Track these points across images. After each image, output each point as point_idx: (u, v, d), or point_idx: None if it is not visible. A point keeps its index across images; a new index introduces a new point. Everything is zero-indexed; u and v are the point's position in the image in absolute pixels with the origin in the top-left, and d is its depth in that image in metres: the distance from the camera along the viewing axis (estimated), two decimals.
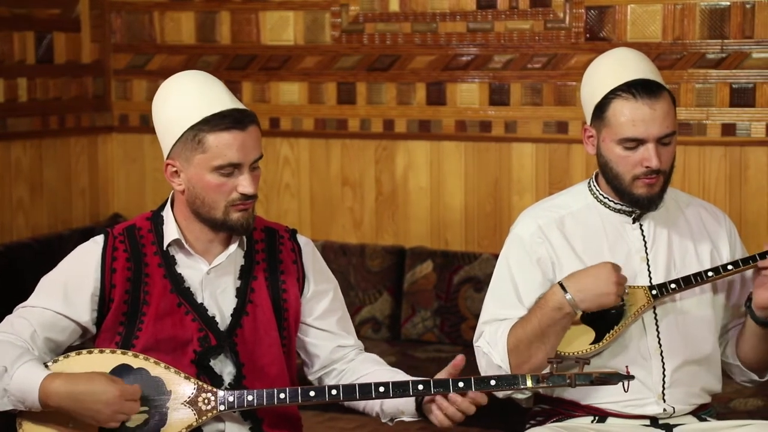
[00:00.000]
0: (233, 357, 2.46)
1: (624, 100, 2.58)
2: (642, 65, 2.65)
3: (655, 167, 2.57)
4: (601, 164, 2.65)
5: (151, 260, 2.47)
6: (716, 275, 2.62)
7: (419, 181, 4.58)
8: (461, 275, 4.39)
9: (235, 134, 2.38)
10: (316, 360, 2.62)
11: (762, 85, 4.01)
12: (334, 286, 2.64)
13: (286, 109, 4.77)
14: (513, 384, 2.38)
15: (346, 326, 2.64)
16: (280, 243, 2.57)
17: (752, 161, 4.06)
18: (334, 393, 2.36)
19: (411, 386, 2.36)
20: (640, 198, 2.61)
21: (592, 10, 4.22)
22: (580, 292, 2.54)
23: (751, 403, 3.64)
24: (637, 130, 2.57)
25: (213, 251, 2.49)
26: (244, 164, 2.40)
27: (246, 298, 2.49)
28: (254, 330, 2.48)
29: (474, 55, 4.43)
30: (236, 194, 2.41)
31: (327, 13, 4.64)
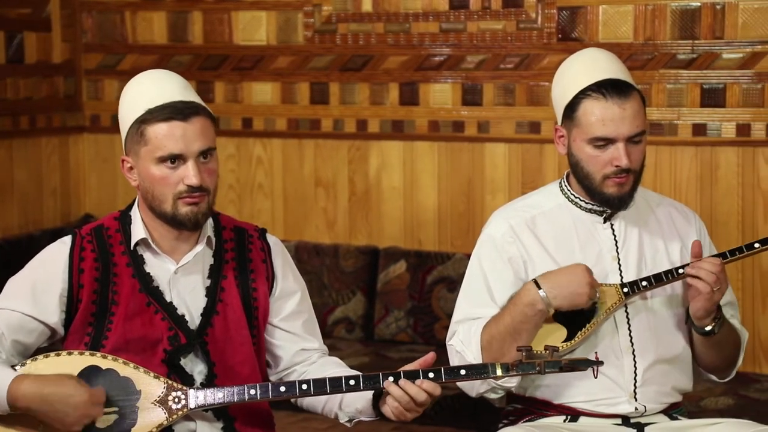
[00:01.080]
0: (204, 356, 2.45)
1: (594, 99, 2.59)
2: (612, 65, 2.66)
3: (625, 166, 2.58)
4: (572, 164, 2.66)
5: (119, 260, 2.46)
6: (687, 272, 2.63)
7: (392, 181, 4.58)
8: (434, 275, 4.39)
9: (174, 125, 2.38)
10: (279, 361, 2.61)
11: (732, 86, 4.03)
12: (302, 288, 2.63)
13: (258, 109, 4.76)
14: (483, 373, 2.38)
15: (311, 329, 2.63)
16: (249, 242, 2.56)
17: (723, 161, 4.08)
18: (304, 387, 2.35)
19: (381, 378, 2.35)
20: (611, 197, 2.62)
21: (564, 10, 4.23)
22: (554, 290, 2.55)
23: (722, 402, 3.67)
24: (606, 130, 2.58)
25: (180, 250, 2.48)
26: (187, 155, 2.38)
27: (216, 297, 2.48)
28: (225, 329, 2.47)
29: (447, 56, 4.44)
30: (183, 186, 2.39)
31: (300, 13, 4.63)
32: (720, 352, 2.70)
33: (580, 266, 2.57)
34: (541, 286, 2.56)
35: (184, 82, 2.49)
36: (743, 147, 4.05)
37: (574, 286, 2.54)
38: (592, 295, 2.56)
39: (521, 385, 2.68)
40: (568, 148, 2.66)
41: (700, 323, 2.62)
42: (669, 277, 2.63)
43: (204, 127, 2.41)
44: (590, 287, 2.55)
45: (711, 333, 2.63)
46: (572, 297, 2.54)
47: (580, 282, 2.54)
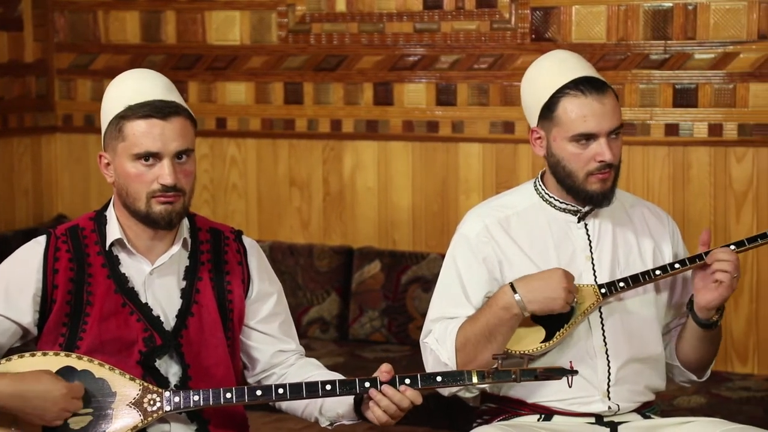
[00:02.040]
0: (179, 358, 2.44)
1: (573, 97, 2.61)
2: (582, 64, 2.69)
3: (609, 161, 2.60)
4: (553, 164, 2.67)
5: (94, 260, 2.45)
6: (664, 273, 2.64)
7: (367, 181, 4.58)
8: (409, 275, 4.40)
9: (152, 122, 2.38)
10: (257, 363, 2.61)
11: (704, 86, 4.06)
12: (278, 290, 2.63)
13: (232, 109, 4.75)
14: (459, 380, 2.39)
15: (288, 331, 2.64)
16: (225, 244, 2.56)
17: (695, 161, 4.11)
18: (281, 392, 2.36)
19: (357, 384, 2.36)
20: (595, 194, 2.63)
21: (538, 11, 4.24)
22: (530, 294, 2.55)
23: (695, 401, 3.69)
24: (588, 126, 2.59)
25: (156, 251, 2.47)
26: (163, 154, 2.38)
27: (191, 299, 2.48)
28: (200, 331, 2.47)
29: (421, 56, 4.44)
30: (156, 185, 2.39)
31: (273, 13, 4.63)
32: (712, 346, 2.73)
33: (558, 271, 2.57)
34: (517, 290, 2.56)
35: (169, 83, 2.49)
36: (715, 147, 4.07)
37: (549, 292, 2.55)
38: (569, 300, 2.55)
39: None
40: (547, 149, 2.67)
41: (708, 314, 2.63)
42: (646, 278, 2.64)
43: (183, 128, 2.40)
44: (567, 292, 2.55)
45: (714, 325, 2.65)
46: (547, 302, 2.55)
47: (556, 287, 2.54)
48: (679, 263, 2.65)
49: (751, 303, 4.06)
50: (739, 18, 3.98)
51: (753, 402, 3.69)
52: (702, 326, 2.66)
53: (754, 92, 3.99)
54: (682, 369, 2.78)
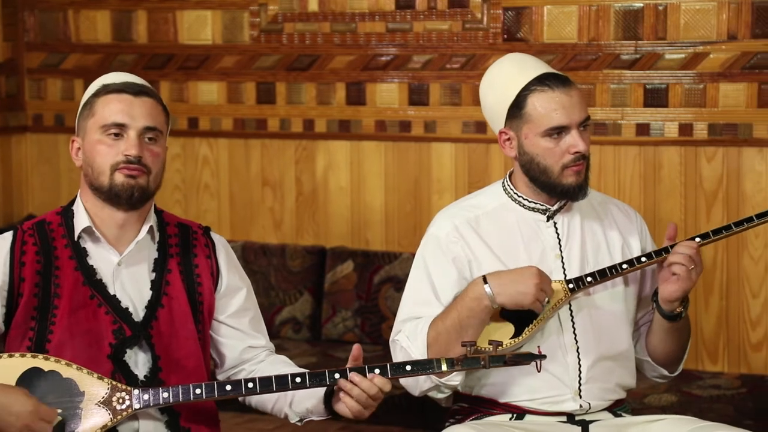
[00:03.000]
0: (149, 349, 2.44)
1: (541, 92, 2.62)
2: (539, 62, 2.72)
3: (584, 151, 2.62)
4: (525, 162, 2.67)
5: (61, 253, 2.45)
6: (631, 267, 2.66)
7: (339, 181, 4.58)
8: (381, 275, 4.40)
9: (121, 97, 2.44)
10: (226, 359, 2.61)
11: (675, 86, 4.08)
12: (248, 285, 2.64)
13: (204, 108, 4.73)
14: (428, 368, 2.39)
15: (258, 326, 2.64)
16: (193, 238, 2.57)
17: (665, 161, 4.13)
18: (250, 386, 2.36)
19: (327, 375, 2.36)
20: (571, 187, 2.64)
21: (509, 11, 4.25)
22: (500, 286, 2.56)
23: (665, 399, 3.71)
24: (560, 118, 2.61)
25: (124, 239, 2.48)
26: (129, 126, 2.42)
27: (161, 290, 2.48)
28: (170, 322, 2.47)
29: (393, 56, 4.44)
30: (121, 156, 2.42)
31: (245, 13, 4.62)
32: (679, 339, 2.74)
33: (533, 268, 2.58)
34: (488, 282, 2.57)
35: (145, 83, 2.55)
36: (686, 146, 4.09)
37: (520, 286, 2.55)
38: (540, 298, 2.55)
39: (467, 384, 2.69)
40: (518, 149, 2.68)
41: (671, 306, 2.65)
42: (613, 273, 2.65)
43: (152, 108, 2.46)
44: (537, 289, 2.55)
45: (679, 317, 2.67)
46: (516, 295, 2.56)
47: (527, 282, 2.55)
48: (645, 257, 2.66)
49: (721, 301, 4.09)
50: (709, 18, 4.00)
51: (723, 400, 3.72)
52: (667, 318, 2.67)
53: (724, 92, 4.02)
54: (653, 364, 2.79)
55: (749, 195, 4.03)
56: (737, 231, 2.68)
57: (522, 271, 2.58)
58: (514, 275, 2.57)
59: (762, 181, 4.02)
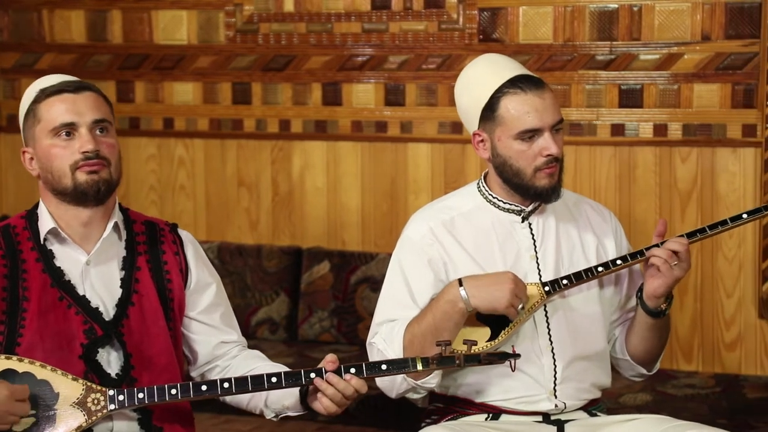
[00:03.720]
0: (121, 347, 2.44)
1: (513, 94, 2.63)
2: (513, 64, 2.73)
3: (556, 154, 2.63)
4: (499, 164, 2.68)
5: (28, 256, 2.44)
6: (606, 270, 2.67)
7: (316, 181, 4.58)
8: (358, 275, 4.40)
9: (63, 97, 2.43)
10: (199, 355, 2.61)
11: (649, 87, 4.10)
12: (217, 281, 2.64)
13: (180, 109, 4.72)
14: (404, 367, 2.40)
15: (229, 322, 2.64)
16: (161, 236, 2.57)
17: (640, 161, 4.15)
18: (226, 386, 2.36)
19: (303, 375, 2.37)
20: (544, 189, 2.65)
21: (485, 11, 4.26)
22: (475, 289, 2.56)
23: (640, 398, 3.72)
24: (533, 121, 2.61)
25: (90, 238, 2.47)
26: (79, 123, 2.42)
27: (131, 288, 2.48)
28: (141, 320, 2.47)
29: (369, 56, 4.44)
30: (78, 155, 2.41)
31: (221, 13, 4.61)
32: (661, 337, 2.75)
33: (509, 274, 2.59)
34: (464, 285, 2.57)
35: None
36: (660, 147, 4.11)
37: (494, 290, 2.56)
38: (514, 304, 2.56)
39: (443, 384, 2.70)
40: (492, 150, 2.68)
41: (656, 302, 2.66)
42: (589, 275, 2.66)
43: (96, 101, 2.46)
44: (512, 295, 2.55)
45: (662, 314, 2.68)
46: (491, 300, 2.56)
47: (502, 288, 2.55)
48: (620, 260, 2.68)
49: (696, 302, 4.11)
50: (683, 19, 4.03)
51: (697, 399, 3.74)
52: (650, 315, 2.68)
53: (698, 93, 4.04)
54: (632, 363, 2.80)
55: (723, 195, 4.06)
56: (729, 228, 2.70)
57: (498, 276, 2.59)
58: (490, 280, 2.58)
59: (736, 181, 4.04)
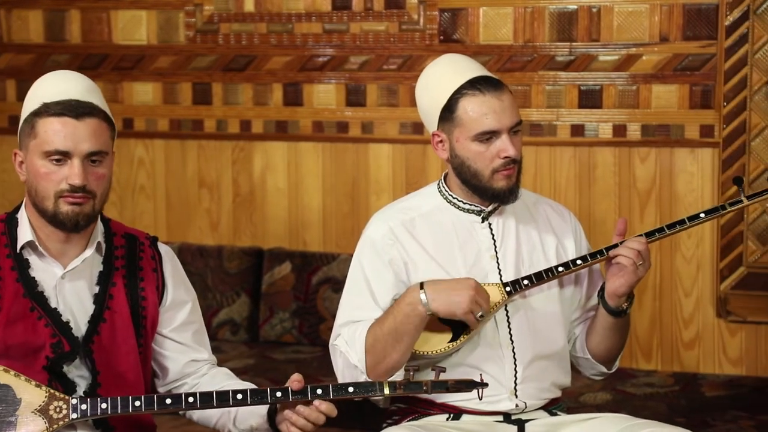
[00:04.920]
0: (89, 364, 2.42)
1: (471, 96, 2.63)
2: (473, 64, 2.73)
3: (513, 156, 2.63)
4: (457, 165, 2.69)
5: (3, 263, 2.41)
6: (566, 270, 2.68)
7: (277, 182, 4.57)
8: (319, 276, 4.40)
9: (64, 121, 2.36)
10: (168, 372, 2.59)
11: (608, 87, 4.13)
12: (193, 298, 2.62)
13: (139, 109, 4.69)
14: (371, 391, 2.40)
15: (201, 340, 2.63)
16: (140, 250, 2.54)
17: (600, 161, 4.17)
18: (191, 401, 2.34)
19: (269, 393, 2.36)
20: (501, 191, 2.66)
21: (446, 12, 4.27)
22: (435, 292, 2.57)
23: (600, 397, 3.75)
24: (490, 123, 2.62)
25: (69, 254, 2.44)
26: (73, 153, 2.36)
27: (104, 304, 2.45)
28: (112, 337, 2.45)
29: (330, 56, 4.44)
30: (65, 185, 2.36)
31: (181, 13, 4.58)
32: (621, 336, 2.77)
33: (470, 280, 2.59)
34: (424, 288, 2.58)
35: (92, 86, 2.48)
36: (619, 147, 4.14)
37: (454, 295, 2.56)
38: (473, 310, 2.56)
39: None
40: (450, 151, 2.69)
41: (618, 301, 2.67)
42: (549, 275, 2.68)
43: (97, 130, 2.38)
44: (471, 301, 2.55)
45: (624, 313, 2.69)
46: (450, 305, 2.56)
47: (462, 293, 2.56)
48: (581, 259, 2.69)
49: (655, 301, 4.14)
50: (642, 21, 4.06)
51: (656, 398, 3.77)
52: (612, 314, 2.70)
53: (657, 93, 4.07)
54: (592, 361, 2.82)
55: (681, 195, 4.09)
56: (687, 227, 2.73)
57: (459, 282, 2.59)
58: (451, 285, 2.59)
59: (694, 182, 4.08)
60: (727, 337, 4.08)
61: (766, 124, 3.95)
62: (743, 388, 3.87)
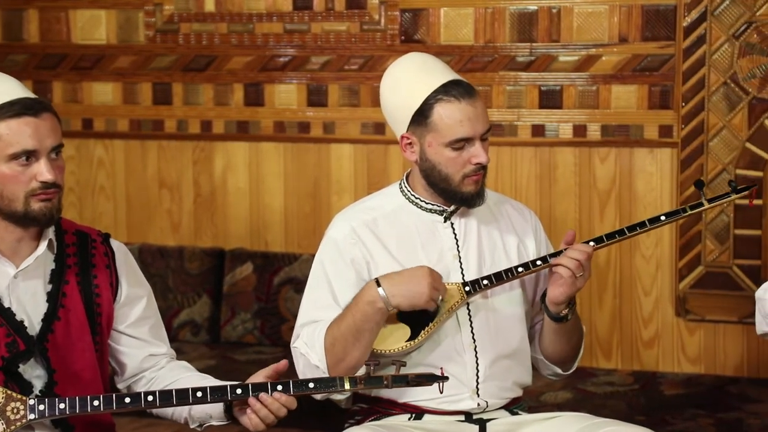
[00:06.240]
0: (44, 363, 2.40)
1: (447, 102, 2.63)
2: (443, 66, 2.73)
3: (485, 162, 2.65)
4: (426, 168, 2.69)
5: None
6: (526, 270, 2.69)
7: (238, 182, 4.55)
8: (281, 276, 4.39)
9: (26, 120, 2.35)
10: (126, 368, 2.58)
11: (568, 88, 4.15)
12: (148, 293, 2.61)
13: (99, 109, 4.66)
14: (331, 386, 2.40)
15: (158, 334, 2.62)
16: (92, 247, 2.52)
17: (560, 161, 4.20)
18: (150, 399, 2.33)
19: (229, 390, 2.35)
20: (470, 195, 2.67)
21: (407, 12, 4.28)
22: (394, 287, 2.57)
23: (561, 396, 3.77)
24: (465, 130, 2.63)
25: (21, 253, 2.42)
26: (40, 151, 2.35)
27: (57, 302, 2.43)
28: (67, 335, 2.43)
29: (291, 56, 4.43)
30: (35, 183, 2.35)
31: (140, 13, 4.56)
32: (569, 341, 2.78)
33: (424, 268, 2.60)
34: (381, 284, 2.58)
35: (22, 83, 2.46)
36: (580, 147, 4.17)
37: (413, 286, 2.57)
38: (434, 297, 2.58)
39: None
40: (420, 154, 2.69)
41: (557, 309, 2.68)
42: (509, 276, 2.69)
43: (54, 124, 2.39)
44: (431, 288, 2.57)
45: (565, 319, 2.70)
46: (411, 296, 2.57)
47: (420, 282, 2.57)
48: (540, 260, 2.70)
49: (615, 299, 4.17)
50: (601, 21, 4.08)
51: (616, 396, 3.79)
52: (553, 320, 2.72)
53: (616, 94, 4.10)
54: (547, 363, 2.83)
55: (641, 195, 4.12)
56: (631, 235, 2.74)
57: (414, 272, 2.60)
58: (407, 276, 2.59)
59: (653, 181, 4.11)
60: (686, 335, 4.11)
61: (723, 124, 3.98)
62: (702, 387, 3.91)
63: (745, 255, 3.99)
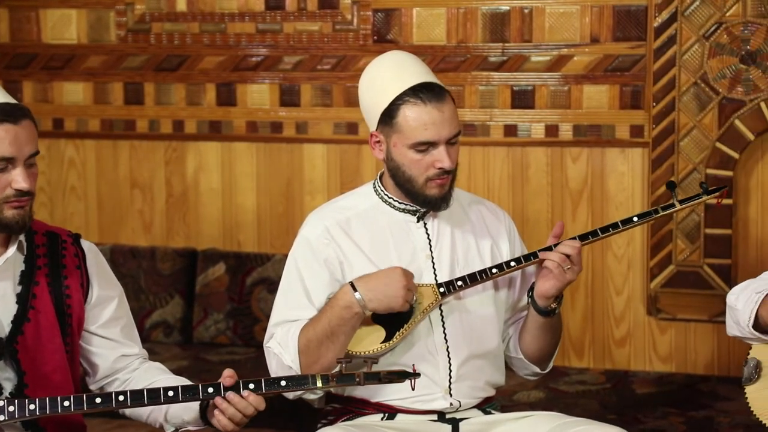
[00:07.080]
0: (14, 365, 2.38)
1: (413, 105, 2.63)
2: (420, 68, 2.71)
3: (448, 167, 2.64)
4: (392, 168, 2.69)
5: None
6: (500, 272, 2.70)
7: (210, 182, 4.54)
8: (254, 276, 4.38)
9: (6, 127, 2.33)
10: (98, 369, 2.57)
11: (540, 88, 4.16)
12: (120, 293, 2.59)
13: (70, 109, 4.63)
14: (303, 384, 2.39)
15: (130, 334, 2.60)
16: (62, 248, 2.50)
17: (533, 161, 4.21)
18: (121, 399, 2.32)
19: (201, 389, 2.34)
20: (434, 198, 2.67)
21: (379, 12, 4.28)
22: (370, 292, 2.57)
23: (534, 396, 3.78)
24: (429, 134, 2.62)
25: None
26: (18, 159, 2.34)
27: (27, 304, 2.42)
28: (37, 337, 2.41)
29: (264, 56, 4.42)
30: (10, 190, 2.34)
31: (112, 12, 4.54)
32: (553, 337, 2.79)
33: (397, 270, 2.60)
34: (357, 289, 2.58)
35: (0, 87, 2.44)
36: (552, 147, 4.18)
37: (390, 290, 2.57)
38: (408, 298, 2.59)
39: None
40: (387, 153, 2.69)
41: (546, 302, 2.69)
42: (483, 277, 2.69)
43: (32, 131, 2.37)
44: (406, 290, 2.58)
45: (552, 313, 2.71)
46: (388, 300, 2.58)
47: (396, 286, 2.57)
48: (514, 261, 2.71)
49: (587, 299, 4.19)
50: (573, 22, 4.10)
51: (588, 395, 3.81)
52: (541, 314, 2.72)
53: (588, 94, 4.12)
54: (525, 361, 2.83)
55: (612, 194, 4.14)
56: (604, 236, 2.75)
57: (388, 275, 2.60)
58: (381, 279, 2.59)
59: (624, 181, 4.13)
60: (657, 334, 4.13)
61: (694, 124, 4.01)
62: (673, 385, 3.93)
63: (715, 254, 4.02)
